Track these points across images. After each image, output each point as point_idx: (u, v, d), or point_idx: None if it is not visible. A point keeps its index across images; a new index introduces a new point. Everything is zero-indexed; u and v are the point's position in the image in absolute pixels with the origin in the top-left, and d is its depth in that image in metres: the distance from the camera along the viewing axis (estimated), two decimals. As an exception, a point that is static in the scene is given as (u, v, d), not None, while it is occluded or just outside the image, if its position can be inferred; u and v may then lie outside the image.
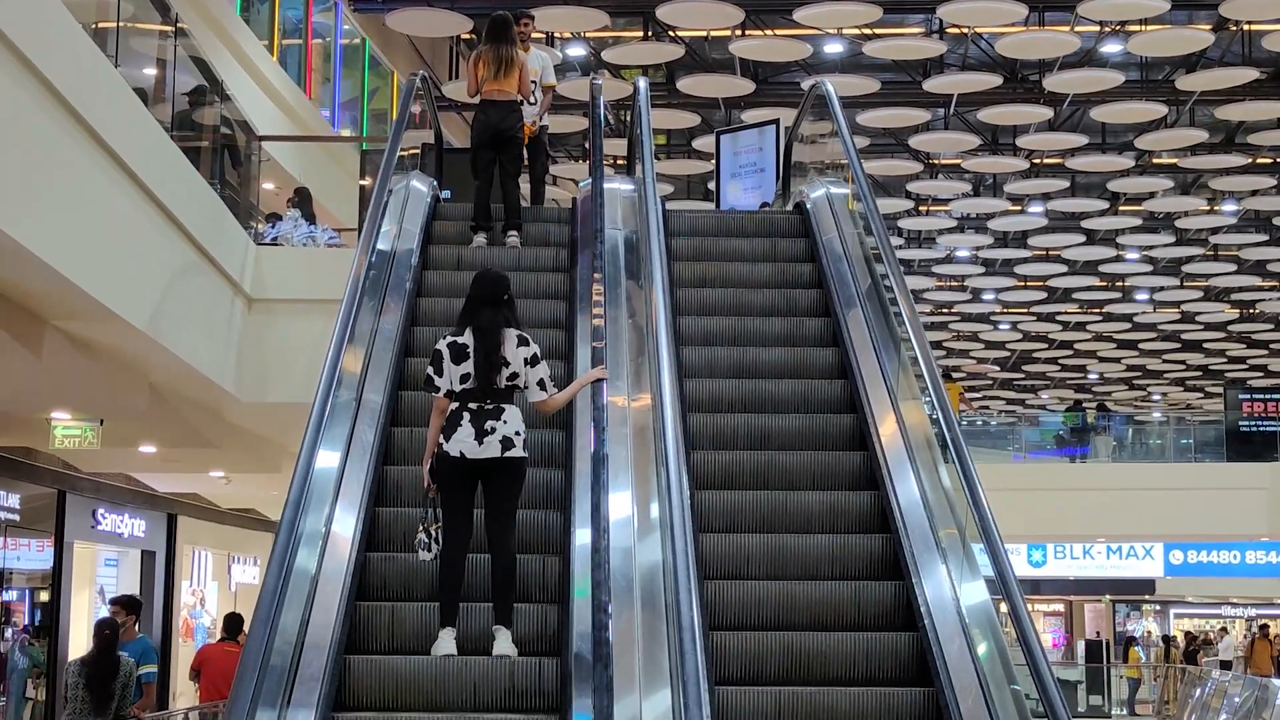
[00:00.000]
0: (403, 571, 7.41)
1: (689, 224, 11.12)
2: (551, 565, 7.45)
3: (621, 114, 25.19)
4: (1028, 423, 40.32)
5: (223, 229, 12.37)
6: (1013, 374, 50.66)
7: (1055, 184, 27.87)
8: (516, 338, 7.17)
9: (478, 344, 7.08)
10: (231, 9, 17.22)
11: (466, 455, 6.95)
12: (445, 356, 7.10)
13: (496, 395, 7.06)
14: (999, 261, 34.33)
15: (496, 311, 7.17)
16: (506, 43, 10.93)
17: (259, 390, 12.83)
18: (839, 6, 19.86)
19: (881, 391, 8.54)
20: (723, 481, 8.22)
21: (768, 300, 10.03)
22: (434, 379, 7.10)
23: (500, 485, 7.00)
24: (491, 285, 7.26)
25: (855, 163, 9.94)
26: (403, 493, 7.92)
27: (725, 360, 9.35)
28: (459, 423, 7.00)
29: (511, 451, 6.99)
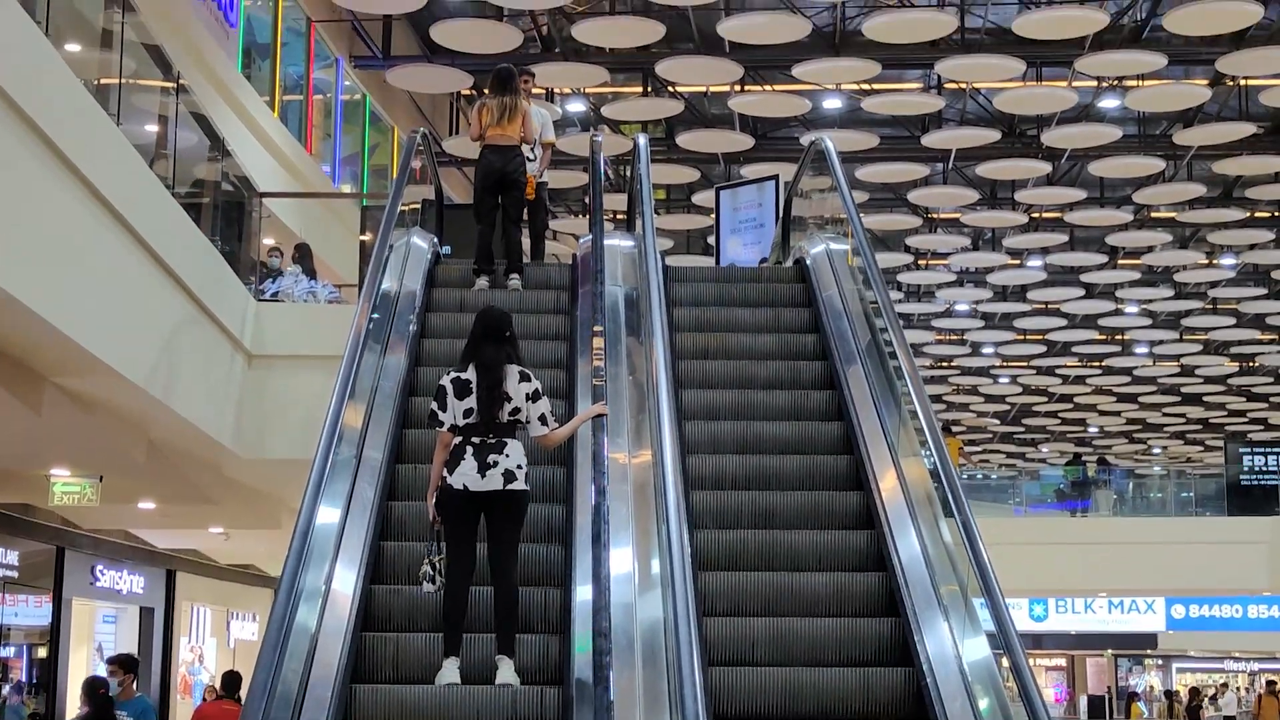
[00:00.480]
0: (407, 605, 7.50)
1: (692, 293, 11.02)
2: (553, 596, 7.52)
3: (621, 169, 25.28)
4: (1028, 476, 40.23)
5: (223, 285, 12.38)
6: (1013, 428, 50.62)
7: (1054, 238, 27.93)
8: (518, 373, 7.30)
9: (480, 379, 7.22)
10: (233, 66, 17.30)
11: (469, 488, 7.07)
12: (449, 392, 7.23)
13: (499, 430, 7.18)
14: (998, 315, 34.36)
15: (499, 348, 7.31)
16: (510, 92, 11.09)
17: (258, 446, 12.80)
18: (838, 63, 19.98)
19: (882, 447, 8.52)
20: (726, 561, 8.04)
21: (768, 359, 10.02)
22: (438, 414, 7.21)
23: (502, 517, 7.13)
24: (494, 322, 7.41)
25: (854, 218, 9.95)
26: (406, 527, 8.02)
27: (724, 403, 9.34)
28: (462, 456, 7.12)
29: (513, 484, 7.11)
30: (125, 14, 11.30)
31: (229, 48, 17.30)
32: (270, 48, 19.42)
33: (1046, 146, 22.92)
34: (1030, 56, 20.35)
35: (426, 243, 11.24)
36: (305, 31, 20.50)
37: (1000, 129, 23.05)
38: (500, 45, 18.76)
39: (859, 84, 21.86)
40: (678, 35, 20.54)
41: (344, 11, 20.46)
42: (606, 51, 20.40)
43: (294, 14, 20.17)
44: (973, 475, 38.36)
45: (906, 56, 20.89)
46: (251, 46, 18.87)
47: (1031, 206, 26.69)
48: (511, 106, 11.03)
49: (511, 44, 18.73)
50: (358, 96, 22.83)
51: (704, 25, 20.15)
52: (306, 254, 15.33)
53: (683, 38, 20.79)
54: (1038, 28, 18.63)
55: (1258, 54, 19.48)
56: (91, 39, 11.50)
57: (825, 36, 20.58)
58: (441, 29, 18.86)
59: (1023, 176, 24.64)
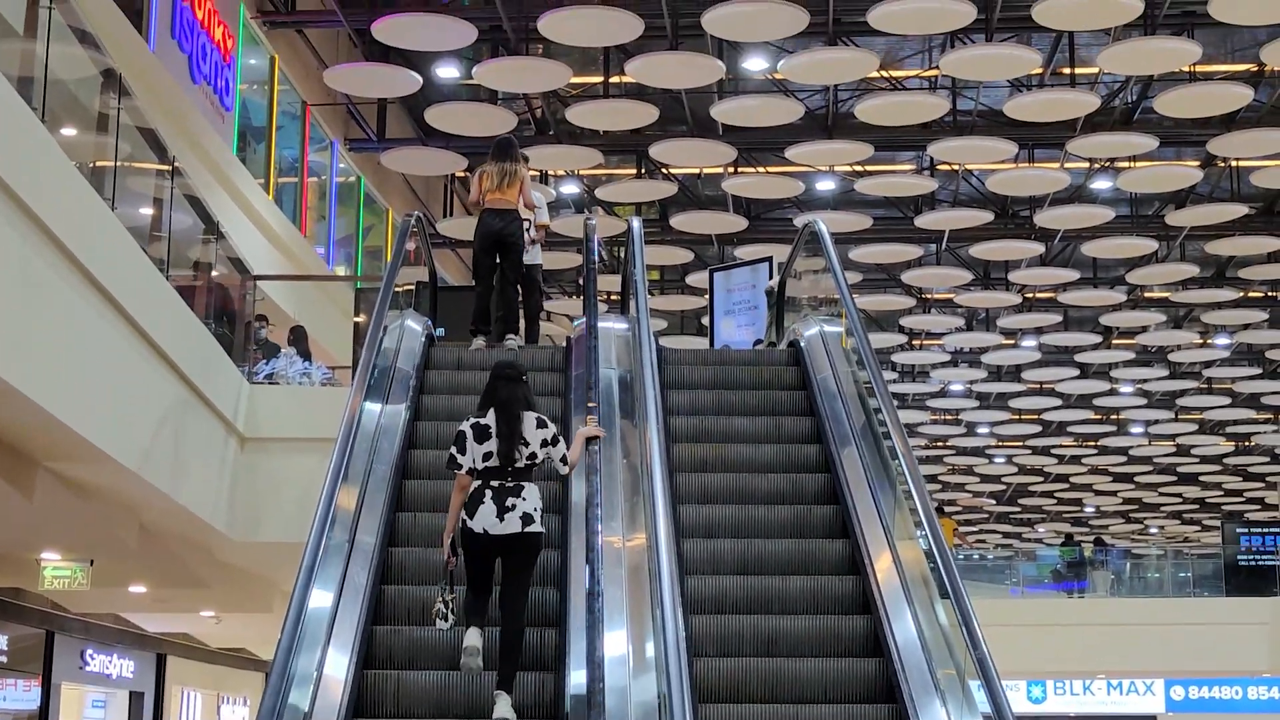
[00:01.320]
0: (407, 644, 7.77)
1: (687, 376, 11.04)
2: (547, 636, 7.79)
3: (615, 250, 25.38)
4: (1025, 557, 40.08)
5: (216, 367, 12.39)
6: (1009, 508, 50.54)
7: (1048, 318, 28.02)
8: (535, 419, 7.61)
9: (499, 418, 7.50)
10: (228, 149, 17.39)
11: (489, 531, 7.35)
12: (469, 436, 7.49)
13: (516, 473, 7.47)
14: (993, 395, 34.40)
15: (516, 387, 7.63)
16: (511, 159, 11.36)
17: (251, 529, 12.76)
18: (831, 145, 20.13)
19: (878, 530, 8.50)
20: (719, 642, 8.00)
21: (762, 442, 10.01)
22: (457, 457, 7.47)
23: (518, 559, 7.44)
24: (510, 368, 7.74)
25: (848, 299, 9.99)
26: (406, 572, 8.33)
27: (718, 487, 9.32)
28: (481, 500, 7.39)
29: (531, 527, 7.40)
30: (121, 98, 11.37)
31: (224, 131, 17.40)
32: (266, 131, 19.53)
33: (1039, 227, 23.04)
34: (1022, 138, 20.51)
35: (420, 325, 11.27)
36: (301, 115, 20.64)
37: (993, 210, 23.17)
38: (494, 128, 18.86)
39: (852, 165, 22.00)
40: (671, 118, 20.69)
41: (339, 95, 20.61)
42: (600, 134, 20.53)
43: (289, 97, 20.31)
44: (969, 556, 38.20)
45: (899, 138, 21.03)
46: (247, 129, 18.98)
47: (1025, 287, 26.79)
48: (511, 173, 11.29)
49: (506, 126, 18.85)
50: (352, 179, 22.94)
51: (697, 108, 20.30)
52: (301, 337, 15.34)
53: (676, 120, 20.94)
54: (1029, 110, 18.78)
55: (1248, 136, 19.63)
56: (87, 123, 11.57)
57: (818, 119, 20.74)
58: (436, 112, 19.00)
59: (1016, 257, 24.76)
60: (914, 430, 36.11)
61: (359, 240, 23.38)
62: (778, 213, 24.87)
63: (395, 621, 8.02)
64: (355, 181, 23.00)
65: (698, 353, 12.84)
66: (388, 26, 16.88)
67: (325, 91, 20.56)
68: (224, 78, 17.34)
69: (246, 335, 14.37)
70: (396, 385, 10.02)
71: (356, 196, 23.19)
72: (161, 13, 15.49)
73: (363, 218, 23.50)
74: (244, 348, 14.08)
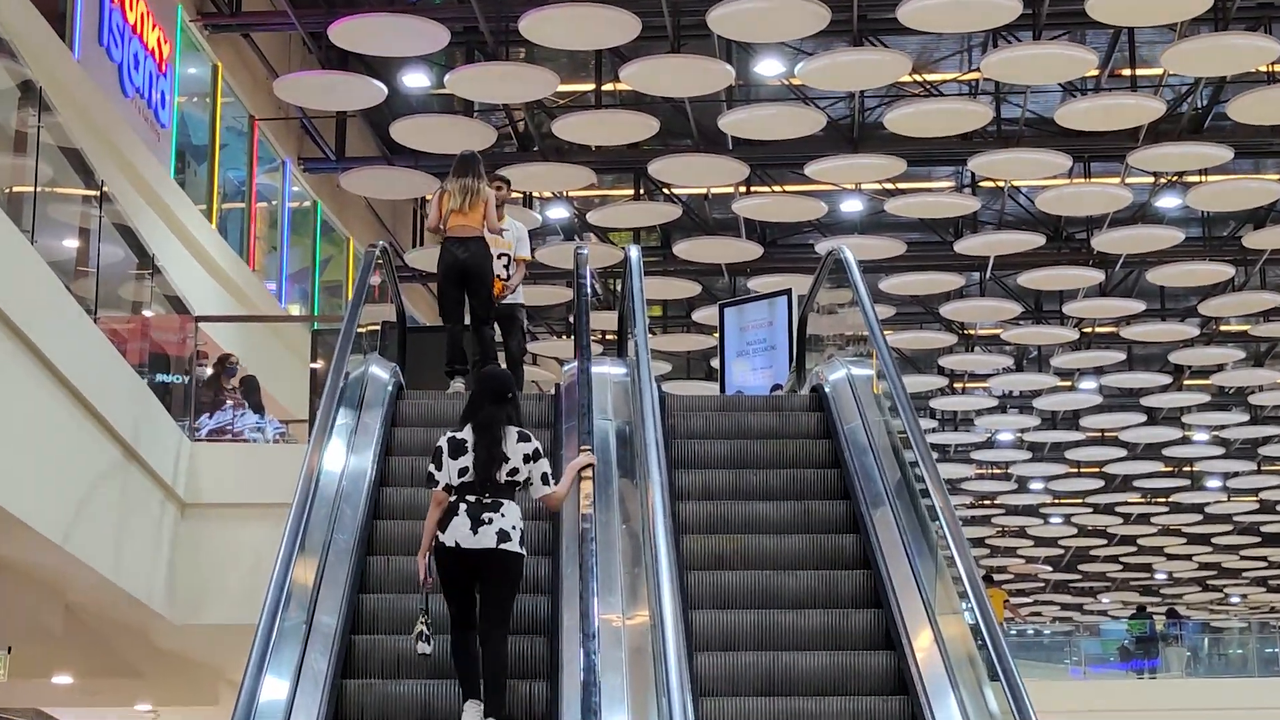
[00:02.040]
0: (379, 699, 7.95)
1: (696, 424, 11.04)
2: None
3: (611, 283, 25.39)
4: (1086, 632, 39.99)
5: (151, 423, 12.38)
6: (1067, 575, 50.42)
7: (1109, 356, 28.03)
8: (517, 434, 8.03)
9: (477, 439, 7.95)
10: (165, 171, 17.42)
11: (461, 545, 7.75)
12: (444, 451, 7.96)
13: (496, 489, 7.89)
14: (1048, 445, 34.37)
15: (499, 408, 8.06)
16: (473, 175, 11.44)
17: (194, 610, 12.72)
18: (857, 160, 20.16)
19: (915, 601, 8.48)
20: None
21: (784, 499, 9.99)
22: (433, 474, 7.95)
23: (494, 581, 7.82)
24: (494, 382, 8.23)
25: (878, 337, 9.99)
26: (373, 660, 8.37)
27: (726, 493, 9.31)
28: (455, 513, 7.83)
29: (507, 544, 7.78)
30: (41, 114, 11.39)
31: (160, 150, 17.44)
32: (208, 150, 19.58)
33: (1098, 252, 23.07)
34: (1077, 150, 20.56)
35: (387, 372, 11.25)
36: (248, 131, 20.69)
37: (1045, 233, 23.20)
38: (470, 143, 18.79)
39: (881, 183, 22.03)
40: (674, 131, 20.74)
41: (292, 108, 20.67)
42: (592, 150, 20.57)
43: (234, 111, 20.37)
44: (1022, 631, 38.13)
45: (935, 152, 21.08)
46: (186, 148, 19.03)
47: (1083, 321, 26.81)
48: (473, 191, 11.38)
49: (484, 142, 18.89)
50: (307, 204, 22.97)
51: (703, 119, 20.35)
52: (253, 388, 15.35)
53: (679, 133, 20.99)
54: (1085, 118, 18.81)
55: (1337, 144, 19.71)
56: (2, 143, 11.60)
57: (842, 130, 20.79)
58: (403, 127, 19.04)
59: (1072, 286, 24.77)
60: (956, 487, 36.05)
61: (315, 275, 23.40)
62: (797, 238, 24.89)
63: (361, 718, 7.98)
64: (311, 207, 23.03)
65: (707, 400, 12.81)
66: (347, 29, 16.92)
67: (276, 104, 20.61)
68: (159, 90, 17.38)
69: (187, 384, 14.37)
70: (360, 442, 10.01)
71: (312, 224, 23.22)
72: (87, 16, 15.53)
73: (320, 248, 23.53)
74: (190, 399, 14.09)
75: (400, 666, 8.25)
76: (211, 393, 15.02)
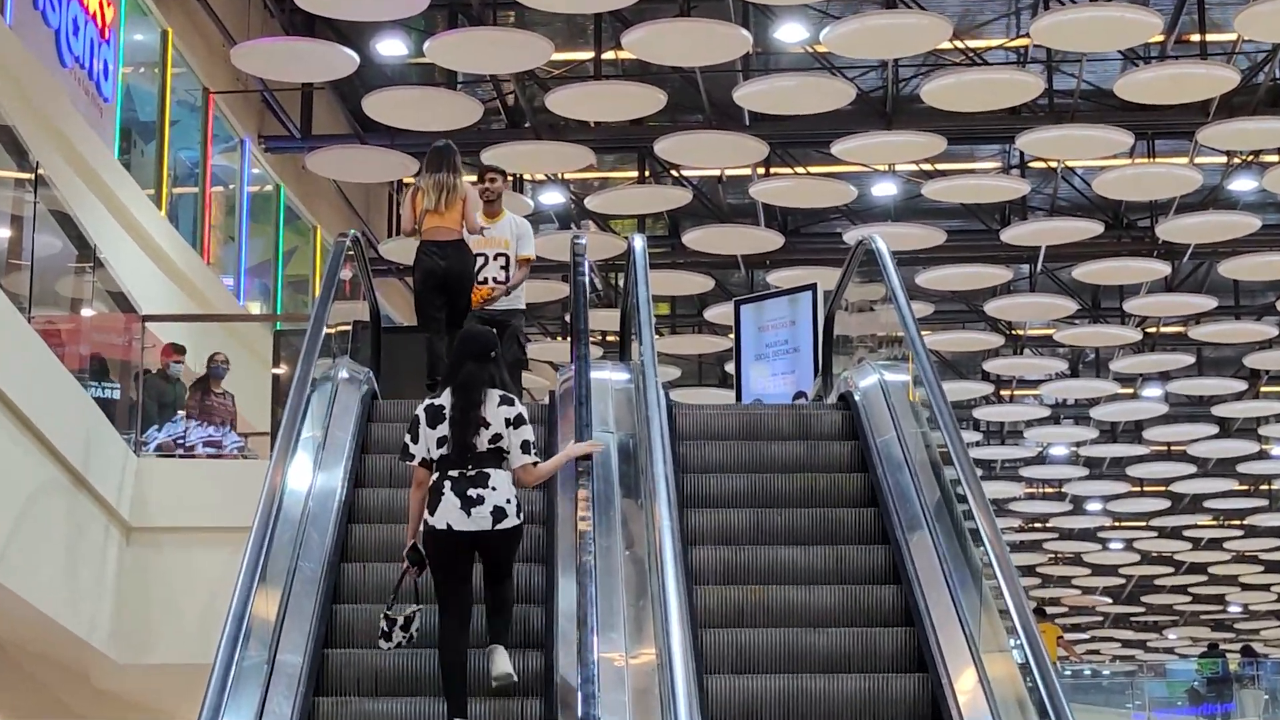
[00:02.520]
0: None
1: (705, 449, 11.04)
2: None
3: (613, 277, 25.39)
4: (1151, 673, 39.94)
5: (94, 436, 12.38)
6: (1129, 608, 50.40)
7: (1176, 359, 28.00)
8: (499, 397, 8.26)
9: (455, 401, 8.19)
10: (109, 151, 17.43)
11: (454, 526, 7.98)
12: (421, 420, 8.22)
13: (479, 460, 8.10)
14: (1106, 461, 34.36)
15: (481, 368, 8.29)
16: (448, 169, 11.56)
17: (140, 648, 12.73)
18: (890, 137, 20.15)
19: (959, 640, 8.47)
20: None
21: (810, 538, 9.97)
22: (409, 446, 8.21)
23: (493, 558, 8.15)
24: (476, 341, 8.48)
25: (915, 338, 9.98)
26: (350, 666, 8.47)
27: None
28: (441, 492, 8.05)
29: (504, 523, 8.05)
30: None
31: (103, 127, 17.45)
32: (156, 127, 19.59)
33: (1163, 241, 23.05)
34: (1139, 126, 20.53)
35: (360, 378, 11.26)
36: (202, 106, 20.70)
37: (1103, 220, 23.19)
38: (453, 120, 18.92)
39: (918, 164, 22.02)
40: (683, 105, 20.74)
41: (251, 80, 20.67)
42: (591, 127, 20.57)
43: (187, 83, 20.38)
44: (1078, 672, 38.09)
45: (979, 128, 21.07)
46: (132, 126, 19.04)
47: (1146, 319, 26.80)
48: (449, 188, 11.49)
49: (468, 118, 18.90)
50: (269, 188, 22.98)
51: (716, 91, 20.36)
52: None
53: (690, 108, 20.99)
54: (1148, 90, 18.80)
55: None
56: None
57: (874, 104, 20.79)
58: (377, 101, 19.02)
59: (1134, 281, 24.76)
60: (1004, 508, 36.04)
61: (278, 268, 23.41)
62: (823, 226, 24.90)
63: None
64: (273, 191, 23.04)
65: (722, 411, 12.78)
66: (313, -10, 16.95)
67: (233, 75, 20.62)
68: (102, 59, 17.40)
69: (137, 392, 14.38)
70: (329, 458, 10.01)
71: (275, 211, 23.23)
72: (20, -24, 15.57)
73: (283, 239, 23.54)
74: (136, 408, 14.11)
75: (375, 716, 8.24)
76: (198, 398, 15.08)
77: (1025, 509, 37.61)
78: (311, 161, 21.26)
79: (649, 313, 10.25)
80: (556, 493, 9.42)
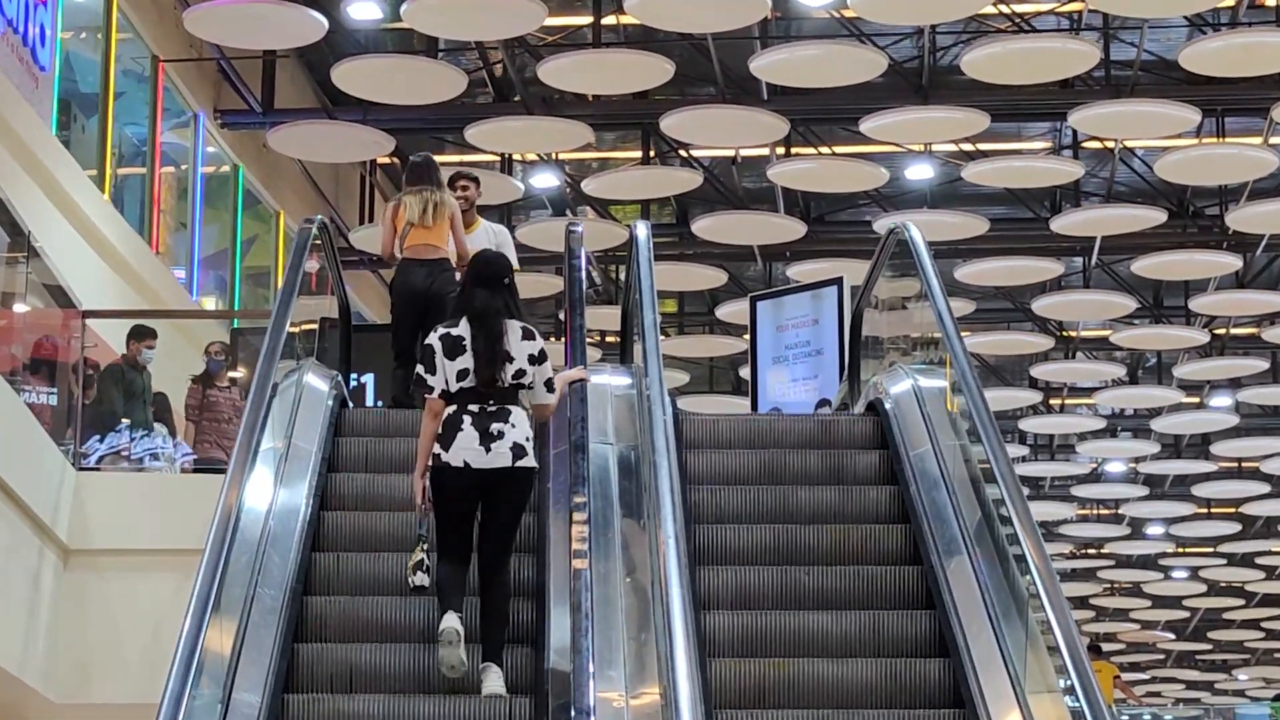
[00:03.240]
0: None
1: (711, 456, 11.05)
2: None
3: (613, 271, 25.39)
4: (1220, 718, 40.03)
5: (26, 446, 12.38)
6: (1195, 644, 50.39)
7: (1248, 365, 27.98)
8: (521, 329, 8.72)
9: (476, 333, 8.61)
10: (45, 126, 17.43)
11: (471, 464, 8.44)
12: (437, 351, 8.61)
13: (501, 395, 8.59)
14: (1169, 479, 34.33)
15: (494, 295, 8.73)
16: (432, 184, 11.88)
17: (79, 686, 12.73)
18: (926, 113, 20.13)
19: (1001, 680, 8.47)
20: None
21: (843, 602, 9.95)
22: (425, 378, 8.60)
23: (504, 501, 8.58)
24: (489, 266, 8.92)
25: (954, 338, 9.99)
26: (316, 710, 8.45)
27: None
28: (459, 427, 8.48)
29: (523, 460, 8.53)
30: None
31: (39, 99, 17.46)
32: (99, 100, 19.59)
33: (1234, 232, 23.04)
34: (1207, 102, 20.52)
35: (327, 382, 11.27)
36: (151, 76, 20.71)
37: (1166, 207, 23.19)
38: (434, 93, 18.94)
39: (958, 144, 22.02)
40: (693, 76, 20.74)
41: (206, 47, 20.67)
42: (590, 100, 20.58)
43: (134, 51, 20.38)
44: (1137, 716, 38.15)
45: (1026, 104, 21.06)
46: (72, 98, 19.04)
47: (1215, 319, 26.78)
48: (435, 204, 11.80)
49: (451, 90, 18.90)
50: (226, 169, 22.99)
51: (730, 62, 20.37)
52: (163, 408, 15.40)
53: (700, 80, 20.99)
54: (1216, 60, 18.78)
55: None
56: None
57: (908, 76, 20.80)
58: (348, 71, 19.00)
59: (1201, 276, 24.75)
60: (1054, 532, 36.03)
61: (236, 259, 23.42)
62: (850, 214, 24.91)
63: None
64: (231, 172, 23.05)
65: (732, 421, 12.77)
66: (277, -54, 16.97)
67: (187, 42, 20.62)
68: (38, 23, 17.40)
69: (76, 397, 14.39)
70: (293, 472, 10.02)
71: (233, 195, 23.24)
72: (-54, -72, 15.58)
73: (242, 226, 23.55)
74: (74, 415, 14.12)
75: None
76: (198, 396, 15.15)
77: (1077, 533, 37.58)
78: (274, 139, 21.26)
79: (654, 310, 10.24)
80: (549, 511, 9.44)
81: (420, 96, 19.09)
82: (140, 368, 15.25)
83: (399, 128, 20.99)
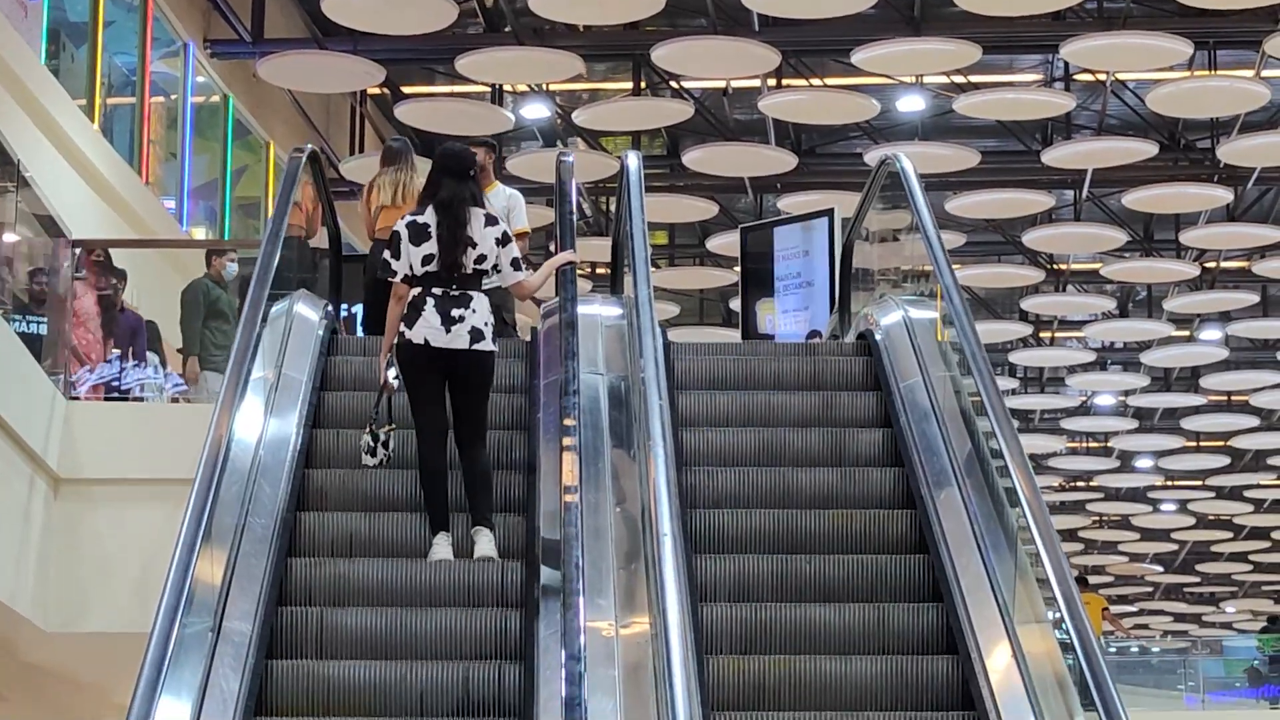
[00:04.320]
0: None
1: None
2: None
3: (603, 202, 25.37)
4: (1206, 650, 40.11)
5: (15, 375, 12.38)
6: (1183, 577, 50.54)
7: (1238, 299, 27.98)
8: (484, 216, 9.26)
9: (440, 219, 9.12)
10: (34, 55, 17.39)
11: (431, 343, 9.02)
12: (404, 237, 9.13)
13: (463, 281, 9.13)
14: (1158, 413, 34.39)
15: (461, 185, 9.24)
16: (404, 166, 12.34)
17: (71, 614, 12.75)
18: (918, 45, 20.07)
19: (991, 610, 8.49)
20: None
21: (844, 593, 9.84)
22: (390, 263, 9.13)
23: (467, 384, 9.15)
24: (455, 159, 9.38)
25: (945, 272, 9.99)
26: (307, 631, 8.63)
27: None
28: (421, 308, 9.05)
29: (480, 344, 9.07)
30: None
31: (27, 29, 17.41)
32: (89, 29, 19.54)
33: (1225, 165, 23.03)
34: (1200, 33, 20.47)
35: (318, 312, 11.26)
36: (140, 4, 20.64)
37: (1158, 140, 23.17)
38: (424, 23, 18.87)
39: (949, 75, 21.98)
40: (684, 7, 20.68)
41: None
42: (580, 30, 20.52)
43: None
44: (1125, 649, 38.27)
45: (1018, 35, 21.02)
46: (60, 27, 18.99)
47: (1205, 253, 26.78)
48: (404, 185, 12.25)
49: (441, 20, 18.83)
50: (216, 99, 22.95)
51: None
52: (154, 335, 15.38)
53: (691, 10, 20.94)
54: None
55: None
56: None
57: (900, 7, 20.74)
58: (338, 1, 18.93)
59: (1192, 209, 24.73)
60: (1043, 464, 36.10)
61: (226, 188, 23.39)
62: (841, 146, 24.87)
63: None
64: (221, 103, 23.01)
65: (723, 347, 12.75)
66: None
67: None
68: (27, -49, 17.35)
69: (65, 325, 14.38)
70: (283, 402, 10.02)
71: (223, 125, 23.20)
72: None
73: (231, 156, 23.52)
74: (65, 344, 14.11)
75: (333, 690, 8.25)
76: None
77: (1067, 465, 37.66)
78: (264, 69, 21.20)
79: (644, 242, 10.23)
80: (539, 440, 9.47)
81: (411, 27, 19.03)
82: (224, 283, 15.21)
83: (390, 58, 20.93)
